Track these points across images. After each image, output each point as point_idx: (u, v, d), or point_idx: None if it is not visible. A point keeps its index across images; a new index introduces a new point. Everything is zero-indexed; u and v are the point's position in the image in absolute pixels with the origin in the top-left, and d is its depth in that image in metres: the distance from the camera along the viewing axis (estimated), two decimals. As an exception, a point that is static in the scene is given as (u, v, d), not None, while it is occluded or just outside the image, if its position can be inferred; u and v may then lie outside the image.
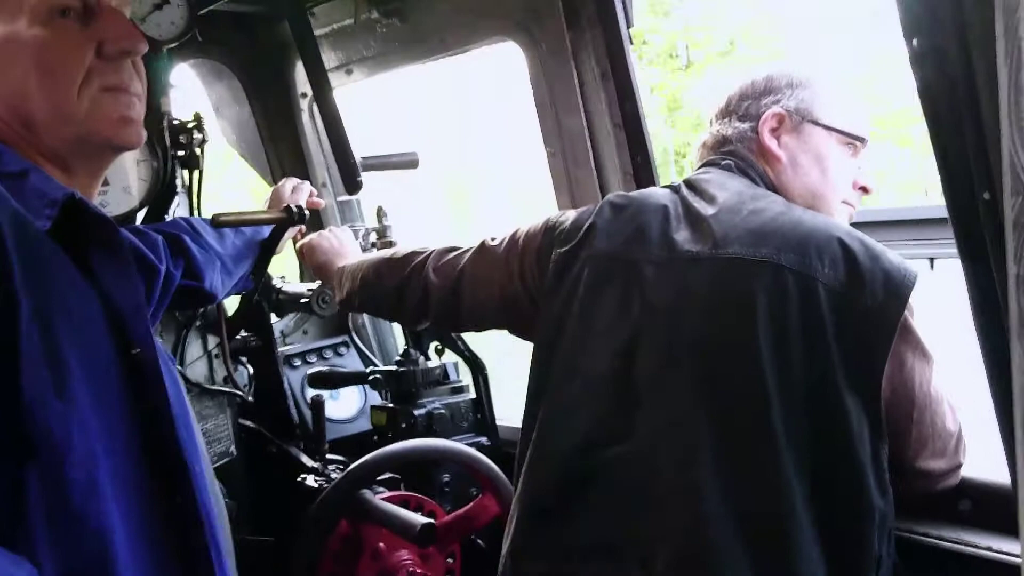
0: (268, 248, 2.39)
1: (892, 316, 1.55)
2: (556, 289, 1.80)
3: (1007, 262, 0.98)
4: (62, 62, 1.21)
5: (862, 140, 1.85)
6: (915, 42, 1.12)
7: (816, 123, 1.83)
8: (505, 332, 2.08)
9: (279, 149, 3.23)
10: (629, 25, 2.29)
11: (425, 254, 2.08)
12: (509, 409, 2.77)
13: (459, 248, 2.04)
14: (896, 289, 1.56)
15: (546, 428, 1.76)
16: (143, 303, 1.24)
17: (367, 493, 2.28)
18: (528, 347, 1.89)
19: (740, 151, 1.86)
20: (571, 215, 1.89)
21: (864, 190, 1.89)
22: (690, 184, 1.83)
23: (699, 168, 1.90)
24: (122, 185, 2.19)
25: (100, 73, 1.25)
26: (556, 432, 1.74)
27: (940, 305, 1.94)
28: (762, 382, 1.55)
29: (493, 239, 1.99)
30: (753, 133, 1.85)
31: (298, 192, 2.50)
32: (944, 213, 1.23)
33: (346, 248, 2.47)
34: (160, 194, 2.32)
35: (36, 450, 1.06)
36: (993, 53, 0.97)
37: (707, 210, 1.72)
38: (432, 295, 2.03)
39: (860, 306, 1.55)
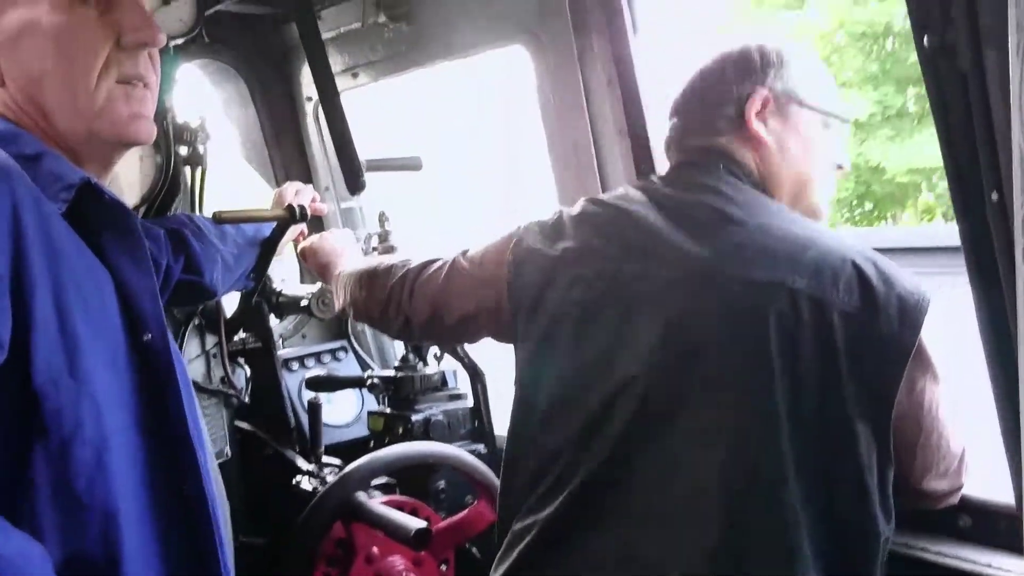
0: (269, 247, 2.38)
1: (906, 343, 1.52)
2: (536, 307, 1.74)
3: (1015, 260, 0.97)
4: (82, 49, 1.23)
5: (842, 118, 1.80)
6: (925, 39, 1.11)
7: (801, 104, 1.75)
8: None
9: (283, 152, 3.23)
10: (636, 32, 2.30)
11: (402, 272, 2.00)
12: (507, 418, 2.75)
13: (436, 262, 1.96)
14: (911, 315, 1.52)
15: (538, 455, 1.71)
16: (156, 288, 1.25)
17: (362, 496, 2.26)
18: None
19: (718, 144, 1.75)
20: (536, 226, 1.81)
21: (839, 168, 1.83)
22: (670, 182, 1.76)
23: (677, 163, 1.82)
24: (126, 180, 2.19)
25: (118, 63, 1.26)
26: (553, 458, 1.69)
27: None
28: (773, 406, 1.52)
29: (465, 253, 1.93)
30: (738, 118, 1.74)
31: (301, 195, 2.50)
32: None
33: (347, 251, 2.46)
34: (163, 190, 2.32)
35: (46, 428, 1.06)
36: (1006, 50, 0.96)
37: (701, 215, 1.66)
38: (413, 320, 1.98)
39: (874, 332, 1.51)
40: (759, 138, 1.73)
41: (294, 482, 2.50)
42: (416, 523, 2.10)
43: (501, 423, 2.71)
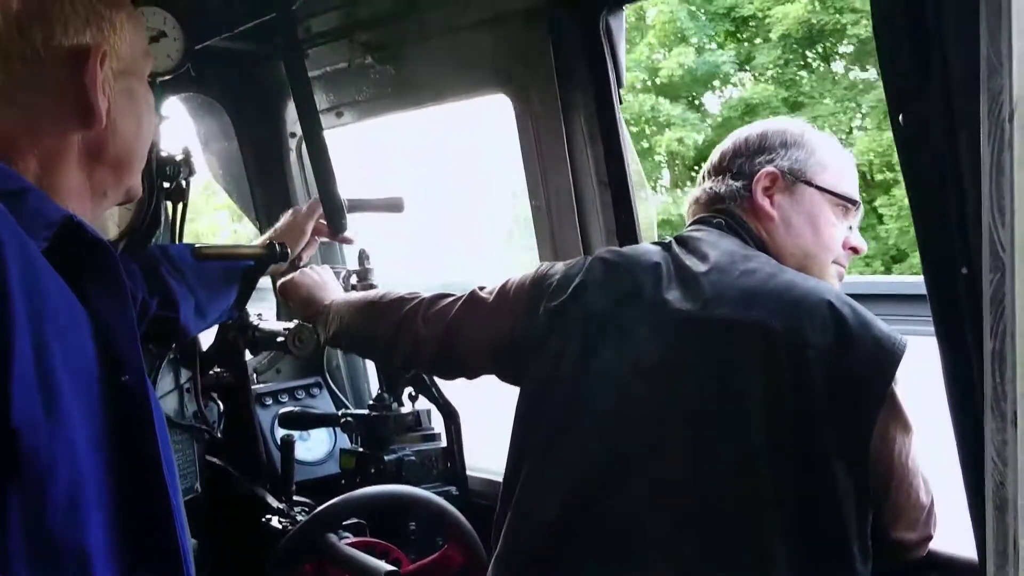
0: (248, 282, 2.37)
1: (881, 383, 1.56)
2: (544, 345, 1.79)
3: (983, 337, 1.00)
4: (151, 121, 1.38)
5: (854, 203, 1.87)
6: (901, 117, 1.15)
7: (809, 184, 1.83)
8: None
9: (265, 187, 3.23)
10: (620, 86, 2.33)
11: (415, 301, 2.06)
12: (479, 459, 2.75)
13: (450, 296, 2.02)
14: (886, 356, 1.57)
15: (531, 486, 1.75)
16: (135, 329, 1.25)
17: (332, 537, 2.25)
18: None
19: (732, 209, 1.86)
20: (560, 268, 1.87)
21: (854, 250, 1.89)
22: (681, 241, 1.82)
23: (690, 225, 1.90)
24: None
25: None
26: (542, 491, 1.72)
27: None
28: (752, 445, 1.55)
29: (483, 288, 1.98)
30: (746, 192, 1.85)
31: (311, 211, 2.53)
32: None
33: (329, 287, 2.46)
34: (143, 224, 2.31)
35: (20, 469, 1.06)
36: (977, 132, 1.00)
37: (698, 268, 1.72)
38: (422, 345, 2.02)
39: (849, 371, 1.55)
40: (764, 211, 1.83)
41: (264, 520, 2.48)
42: (385, 567, 2.09)
43: (473, 465, 2.72)
